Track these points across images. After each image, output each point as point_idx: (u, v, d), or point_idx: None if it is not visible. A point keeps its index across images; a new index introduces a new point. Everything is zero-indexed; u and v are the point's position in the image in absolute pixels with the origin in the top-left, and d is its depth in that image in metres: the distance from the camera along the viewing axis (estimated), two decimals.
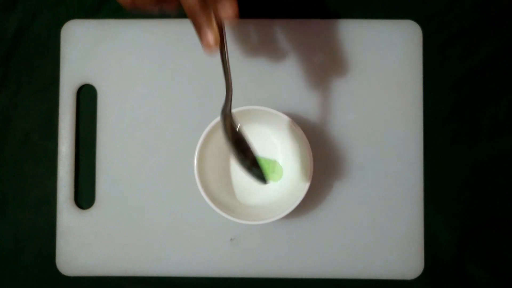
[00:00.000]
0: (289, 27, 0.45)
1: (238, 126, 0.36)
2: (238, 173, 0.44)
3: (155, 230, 0.45)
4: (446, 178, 0.46)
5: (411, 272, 0.45)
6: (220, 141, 0.42)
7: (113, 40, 0.46)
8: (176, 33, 0.46)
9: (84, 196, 0.46)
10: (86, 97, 0.46)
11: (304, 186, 0.40)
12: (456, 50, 0.46)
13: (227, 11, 0.32)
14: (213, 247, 0.45)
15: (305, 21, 0.46)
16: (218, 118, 0.39)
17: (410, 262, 0.44)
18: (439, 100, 0.46)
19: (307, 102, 0.45)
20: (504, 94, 0.46)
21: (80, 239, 0.45)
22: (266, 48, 0.46)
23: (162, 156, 0.45)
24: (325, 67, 0.45)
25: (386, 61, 0.45)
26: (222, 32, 0.34)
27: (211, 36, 0.32)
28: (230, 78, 0.36)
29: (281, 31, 0.45)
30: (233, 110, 0.39)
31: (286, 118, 0.40)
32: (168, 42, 0.46)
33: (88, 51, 0.46)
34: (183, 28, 0.46)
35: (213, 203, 0.40)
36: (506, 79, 0.46)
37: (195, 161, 0.40)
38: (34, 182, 0.46)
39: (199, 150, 0.40)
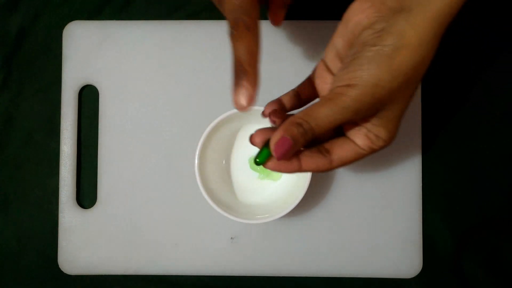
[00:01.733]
0: (289, 28, 0.46)
1: None
2: (239, 173, 0.45)
3: (157, 229, 0.45)
4: (445, 177, 0.46)
5: (410, 270, 0.45)
6: (221, 141, 0.43)
7: (115, 41, 0.46)
8: (178, 34, 0.46)
9: (86, 195, 0.46)
10: (88, 97, 0.47)
11: (304, 185, 0.40)
12: (455, 50, 0.47)
13: None
14: (214, 246, 0.45)
15: (305, 22, 0.46)
16: (219, 118, 0.40)
17: (408, 260, 0.45)
18: (438, 99, 0.46)
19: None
20: (503, 93, 0.46)
21: (82, 238, 0.45)
22: (266, 49, 0.46)
23: (163, 155, 0.46)
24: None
25: None
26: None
27: (244, 98, 0.29)
28: None
29: (281, 32, 0.46)
30: (234, 111, 0.40)
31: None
32: (169, 43, 0.46)
33: (90, 52, 0.46)
34: (184, 29, 0.46)
35: (214, 202, 0.40)
36: (505, 79, 0.46)
37: (196, 161, 0.40)
38: (36, 182, 0.47)
39: (200, 149, 0.40)
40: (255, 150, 0.45)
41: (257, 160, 0.31)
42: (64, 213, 0.45)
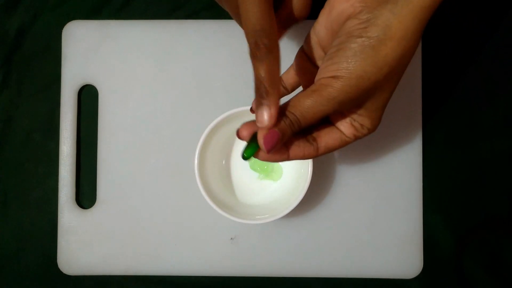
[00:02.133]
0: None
1: None
2: (239, 173, 0.45)
3: (156, 230, 0.45)
4: (445, 177, 0.46)
5: (410, 271, 0.45)
6: (221, 141, 0.43)
7: (114, 40, 0.46)
8: (177, 34, 0.46)
9: (85, 195, 0.46)
10: (88, 97, 0.47)
11: (304, 186, 0.40)
12: (455, 50, 0.46)
13: None
14: (214, 246, 0.45)
15: (305, 22, 0.46)
16: (219, 118, 0.40)
17: (409, 261, 0.45)
18: (438, 100, 0.46)
19: None
20: (503, 94, 0.46)
21: (81, 238, 0.45)
22: None
23: (163, 156, 0.45)
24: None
25: None
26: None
27: (267, 117, 0.29)
28: None
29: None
30: (233, 110, 0.40)
31: None
32: (169, 43, 0.46)
33: (89, 51, 0.46)
34: (184, 29, 0.46)
35: (214, 203, 0.40)
36: (505, 80, 0.46)
37: (196, 161, 0.40)
38: (35, 182, 0.47)
39: (200, 150, 0.40)
40: None
41: (245, 154, 0.31)
42: (63, 213, 0.45)
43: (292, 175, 0.43)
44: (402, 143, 0.45)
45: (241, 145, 0.44)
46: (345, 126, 0.32)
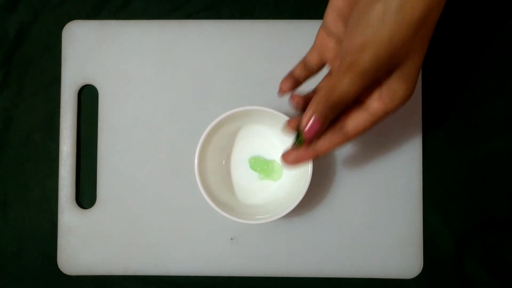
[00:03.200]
0: (289, 27, 0.46)
1: None
2: (239, 173, 0.45)
3: (156, 230, 0.45)
4: (445, 177, 0.46)
5: (410, 271, 0.45)
6: (221, 140, 0.43)
7: (114, 40, 0.46)
8: (177, 34, 0.46)
9: (85, 195, 0.46)
10: (88, 97, 0.47)
11: (304, 186, 0.40)
12: (455, 50, 0.46)
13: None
14: (214, 246, 0.45)
15: (305, 21, 0.46)
16: (219, 118, 0.40)
17: (409, 261, 0.45)
18: (439, 100, 0.46)
19: None
20: (503, 94, 0.46)
21: (81, 238, 0.45)
22: (266, 48, 0.46)
23: (163, 155, 0.45)
24: (325, 67, 0.45)
25: None
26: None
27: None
28: None
29: (281, 31, 0.46)
30: (234, 110, 0.40)
31: (286, 119, 0.40)
32: (169, 43, 0.46)
33: (89, 51, 0.46)
34: (184, 29, 0.46)
35: (214, 203, 0.40)
36: (505, 79, 0.46)
37: (196, 161, 0.40)
38: (35, 182, 0.47)
39: (200, 150, 0.40)
40: (255, 150, 0.45)
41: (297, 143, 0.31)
42: (63, 213, 0.45)
43: (292, 175, 0.43)
44: (402, 143, 0.45)
45: (241, 145, 0.44)
46: (373, 101, 0.31)
